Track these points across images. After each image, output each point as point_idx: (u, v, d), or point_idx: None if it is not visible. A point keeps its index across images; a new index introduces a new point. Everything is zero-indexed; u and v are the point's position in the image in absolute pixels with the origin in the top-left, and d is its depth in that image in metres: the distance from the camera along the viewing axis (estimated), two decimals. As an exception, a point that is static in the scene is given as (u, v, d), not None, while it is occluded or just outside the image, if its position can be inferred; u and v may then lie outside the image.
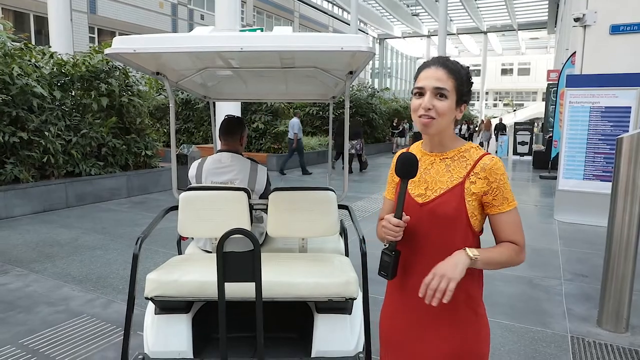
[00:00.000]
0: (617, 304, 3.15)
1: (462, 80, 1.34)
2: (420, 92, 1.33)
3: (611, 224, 3.17)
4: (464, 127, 23.50)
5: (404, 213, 1.32)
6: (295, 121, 11.85)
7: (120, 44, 1.82)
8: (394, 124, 21.23)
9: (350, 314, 2.20)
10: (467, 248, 1.28)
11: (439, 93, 1.31)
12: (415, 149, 1.49)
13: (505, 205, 1.34)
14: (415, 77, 1.38)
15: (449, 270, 1.23)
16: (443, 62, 1.35)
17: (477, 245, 1.37)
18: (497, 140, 19.88)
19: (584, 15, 6.60)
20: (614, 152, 3.26)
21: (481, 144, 25.47)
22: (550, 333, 3.12)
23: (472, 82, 1.39)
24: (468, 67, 1.41)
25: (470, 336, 1.36)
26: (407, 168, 1.33)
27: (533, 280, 4.19)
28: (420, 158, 1.40)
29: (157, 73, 2.39)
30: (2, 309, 3.40)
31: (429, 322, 1.39)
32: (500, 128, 21.17)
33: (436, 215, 1.34)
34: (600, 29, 6.56)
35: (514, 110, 50.74)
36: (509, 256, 1.34)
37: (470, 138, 24.88)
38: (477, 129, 26.71)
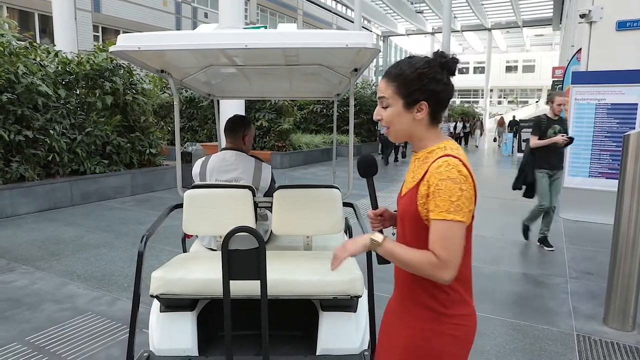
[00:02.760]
0: (623, 302, 3.13)
1: (405, 80, 1.32)
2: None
3: (617, 222, 3.15)
4: (459, 124, 22.30)
5: (381, 205, 1.48)
6: None
7: (125, 42, 1.82)
8: None
9: (355, 311, 2.19)
10: (375, 233, 1.34)
11: (383, 102, 1.36)
12: None
13: (436, 212, 1.24)
14: None
15: (349, 243, 1.35)
16: (388, 71, 1.37)
17: (421, 241, 1.33)
18: (514, 136, 19.83)
19: (589, 11, 6.54)
20: (620, 149, 3.23)
21: (494, 140, 25.47)
22: (556, 331, 3.11)
23: (428, 76, 1.31)
24: (428, 59, 1.34)
25: (428, 334, 1.34)
26: (365, 170, 1.50)
27: (538, 278, 4.18)
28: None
29: (162, 71, 2.39)
30: (9, 306, 3.41)
31: (399, 314, 1.43)
32: (514, 124, 21.33)
33: (400, 213, 1.40)
34: (607, 25, 6.50)
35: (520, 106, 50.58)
36: (419, 262, 1.25)
37: (465, 137, 24.13)
38: (473, 127, 26.20)
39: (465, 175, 1.25)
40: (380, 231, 1.43)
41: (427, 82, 1.31)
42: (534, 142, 4.95)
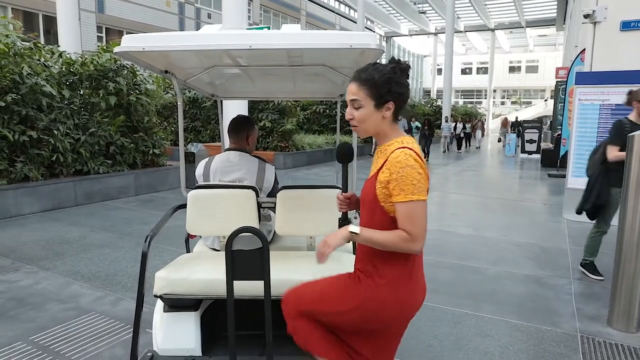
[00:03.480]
0: (627, 303, 3.12)
1: (375, 84, 1.54)
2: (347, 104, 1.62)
3: (621, 223, 3.14)
4: (459, 125, 21.16)
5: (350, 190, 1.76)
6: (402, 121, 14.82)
7: (129, 42, 1.83)
8: None
9: None
10: (351, 225, 1.55)
11: (355, 104, 1.58)
12: None
13: (401, 196, 1.47)
14: None
15: (330, 238, 1.54)
16: (357, 75, 1.58)
17: (395, 227, 1.51)
18: (517, 137, 19.69)
19: (593, 11, 6.52)
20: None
21: (499, 140, 25.26)
22: (559, 332, 3.10)
23: (394, 80, 1.54)
24: (392, 66, 1.56)
25: (368, 295, 1.58)
26: (343, 156, 1.75)
27: (542, 279, 4.16)
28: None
29: (166, 71, 2.40)
30: (13, 305, 3.43)
31: (355, 275, 1.68)
32: (517, 125, 21.23)
33: (362, 198, 1.63)
34: (611, 26, 6.48)
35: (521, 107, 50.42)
36: (393, 241, 1.48)
37: (467, 138, 22.93)
38: (474, 127, 25.60)
39: (419, 162, 1.50)
40: (346, 214, 1.73)
41: (394, 85, 1.55)
42: (615, 154, 3.77)
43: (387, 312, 1.58)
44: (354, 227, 1.53)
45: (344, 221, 1.72)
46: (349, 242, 1.57)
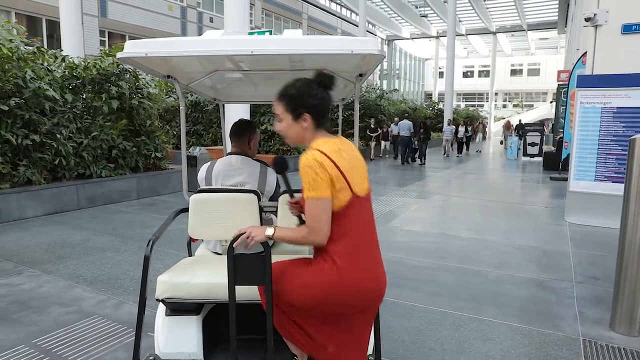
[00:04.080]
0: (630, 307, 3.11)
1: (290, 100, 1.73)
2: None
3: (624, 226, 3.13)
4: (461, 128, 20.77)
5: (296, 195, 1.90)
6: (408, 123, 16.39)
7: (132, 48, 1.84)
8: (372, 126, 17.57)
9: None
10: (268, 227, 1.71)
11: (277, 118, 1.77)
12: None
13: (305, 192, 1.64)
14: None
15: (255, 232, 1.71)
16: (278, 95, 1.75)
17: (338, 222, 1.66)
18: (520, 139, 19.60)
19: (595, 14, 6.53)
20: (626, 153, 3.22)
21: (501, 142, 25.10)
22: (561, 336, 3.09)
23: (307, 93, 1.71)
24: (307, 80, 1.73)
25: (317, 272, 1.70)
26: (279, 167, 1.90)
27: (544, 282, 4.16)
28: None
29: (168, 76, 2.42)
30: (16, 309, 3.44)
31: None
32: (519, 128, 21.14)
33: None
34: (612, 29, 6.49)
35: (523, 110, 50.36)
36: (302, 236, 1.67)
37: (467, 142, 22.41)
38: (475, 130, 25.37)
39: (319, 161, 1.60)
40: (299, 216, 1.88)
41: (308, 99, 1.70)
42: None
43: (337, 293, 1.67)
44: (269, 230, 1.70)
45: (301, 221, 1.90)
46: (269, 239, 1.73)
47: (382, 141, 18.21)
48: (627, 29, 6.40)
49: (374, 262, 1.76)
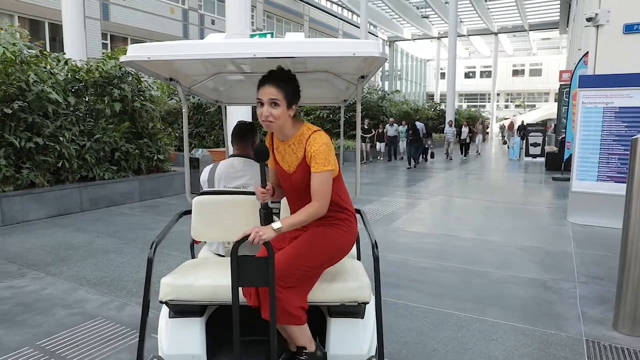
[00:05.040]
0: (633, 307, 3.11)
1: (289, 89, 1.88)
2: (261, 102, 1.88)
3: (626, 226, 3.13)
4: (465, 129, 19.83)
5: (269, 183, 2.06)
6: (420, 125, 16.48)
7: (135, 52, 1.86)
8: (365, 127, 17.18)
9: (362, 318, 2.20)
10: (273, 224, 1.83)
11: (273, 102, 1.86)
12: (274, 137, 2.08)
13: (316, 167, 1.88)
14: (258, 90, 1.90)
15: (262, 231, 1.80)
16: (273, 78, 1.87)
17: None
18: (522, 140, 19.44)
19: (596, 14, 6.52)
20: (628, 153, 3.22)
21: (504, 142, 24.70)
22: (564, 336, 3.09)
23: (297, 84, 1.93)
24: (293, 73, 1.92)
25: (348, 230, 2.09)
26: (260, 156, 1.97)
27: (547, 282, 4.15)
28: (278, 144, 2.05)
29: (171, 79, 2.43)
30: (20, 311, 3.46)
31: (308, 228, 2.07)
32: (522, 129, 20.95)
33: (297, 181, 2.00)
34: (614, 29, 6.48)
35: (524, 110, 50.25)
36: (309, 214, 1.88)
37: (470, 141, 21.25)
38: (474, 131, 24.05)
39: (326, 141, 1.91)
40: (267, 204, 2.03)
41: (298, 89, 1.94)
42: None
43: (343, 249, 2.06)
44: (277, 225, 1.83)
45: (264, 209, 2.02)
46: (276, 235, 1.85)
47: (377, 142, 17.86)
48: (629, 28, 6.40)
49: None
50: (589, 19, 6.63)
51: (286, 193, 2.14)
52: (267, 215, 2.04)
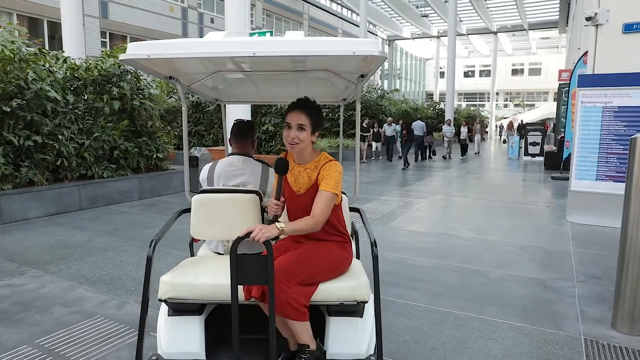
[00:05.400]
0: (632, 306, 3.11)
1: (315, 117, 2.10)
2: (288, 126, 2.08)
3: (625, 225, 3.14)
4: (464, 129, 19.40)
5: (284, 197, 2.18)
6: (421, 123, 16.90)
7: (134, 50, 1.85)
8: (364, 126, 16.96)
9: (361, 317, 2.20)
10: (277, 224, 1.90)
11: (300, 127, 2.06)
12: (290, 157, 2.22)
13: (325, 186, 2.05)
14: (286, 114, 2.13)
15: (266, 229, 1.85)
16: (302, 106, 2.10)
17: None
18: (521, 138, 19.36)
19: (596, 14, 6.52)
20: (627, 152, 3.22)
21: (504, 142, 24.51)
22: (563, 335, 3.10)
23: (322, 114, 2.17)
24: (319, 105, 2.18)
25: (346, 250, 2.25)
26: (282, 168, 2.08)
27: (545, 282, 4.16)
28: (293, 166, 2.19)
29: (170, 77, 2.43)
30: (19, 309, 3.46)
31: (311, 242, 2.22)
32: (521, 128, 20.92)
33: (304, 203, 2.12)
34: (613, 28, 6.48)
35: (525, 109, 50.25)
36: (308, 224, 2.00)
37: (469, 141, 20.72)
38: (472, 130, 23.53)
39: (341, 170, 2.12)
40: (275, 216, 2.06)
41: (322, 118, 2.18)
42: None
43: (340, 263, 2.20)
44: (282, 225, 1.91)
45: (274, 221, 2.04)
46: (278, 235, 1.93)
47: (374, 142, 17.47)
48: (628, 28, 6.40)
49: None
50: (588, 19, 6.63)
51: (289, 213, 2.26)
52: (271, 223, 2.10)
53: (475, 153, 21.39)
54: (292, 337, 2.16)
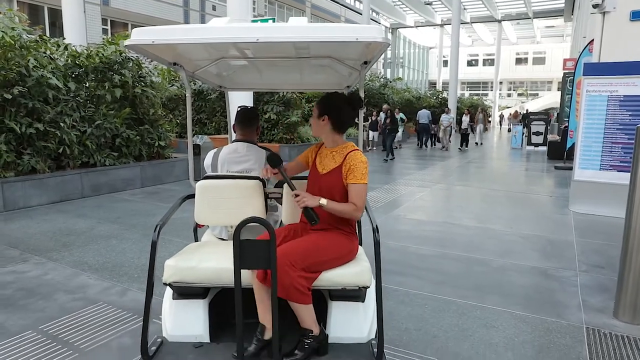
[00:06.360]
0: (634, 295, 3.11)
1: (319, 102, 2.31)
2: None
3: (629, 215, 3.12)
4: (466, 118, 18.54)
5: (303, 184, 2.39)
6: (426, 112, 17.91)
7: (138, 36, 1.84)
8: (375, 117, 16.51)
9: (363, 301, 2.22)
10: (322, 199, 2.12)
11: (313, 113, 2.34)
12: (321, 146, 2.40)
13: (353, 179, 2.16)
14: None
15: (308, 198, 2.11)
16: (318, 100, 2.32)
17: (346, 200, 2.19)
18: (524, 127, 19.21)
19: (603, 1, 6.44)
20: (632, 141, 3.20)
21: (509, 130, 24.45)
22: (565, 324, 3.10)
23: (331, 102, 2.30)
24: (337, 95, 2.34)
25: (353, 240, 2.31)
26: (274, 162, 2.25)
27: (548, 271, 4.16)
28: (322, 149, 2.37)
29: (174, 64, 2.41)
30: (23, 295, 3.48)
31: (324, 231, 2.28)
32: (525, 117, 20.84)
33: (325, 182, 2.25)
34: (620, 16, 6.40)
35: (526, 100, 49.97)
36: (347, 210, 2.14)
37: (471, 131, 19.74)
38: (474, 120, 23.00)
39: (365, 160, 2.22)
40: (306, 208, 2.13)
41: (329, 106, 2.28)
42: None
43: (345, 252, 2.22)
44: (323, 200, 2.10)
45: (307, 211, 2.12)
46: (317, 207, 2.11)
47: (370, 131, 16.74)
48: (636, 15, 6.32)
49: None
50: (595, 6, 6.55)
51: (309, 191, 2.29)
52: (308, 212, 2.14)
53: (476, 144, 20.63)
54: (270, 323, 2.07)
